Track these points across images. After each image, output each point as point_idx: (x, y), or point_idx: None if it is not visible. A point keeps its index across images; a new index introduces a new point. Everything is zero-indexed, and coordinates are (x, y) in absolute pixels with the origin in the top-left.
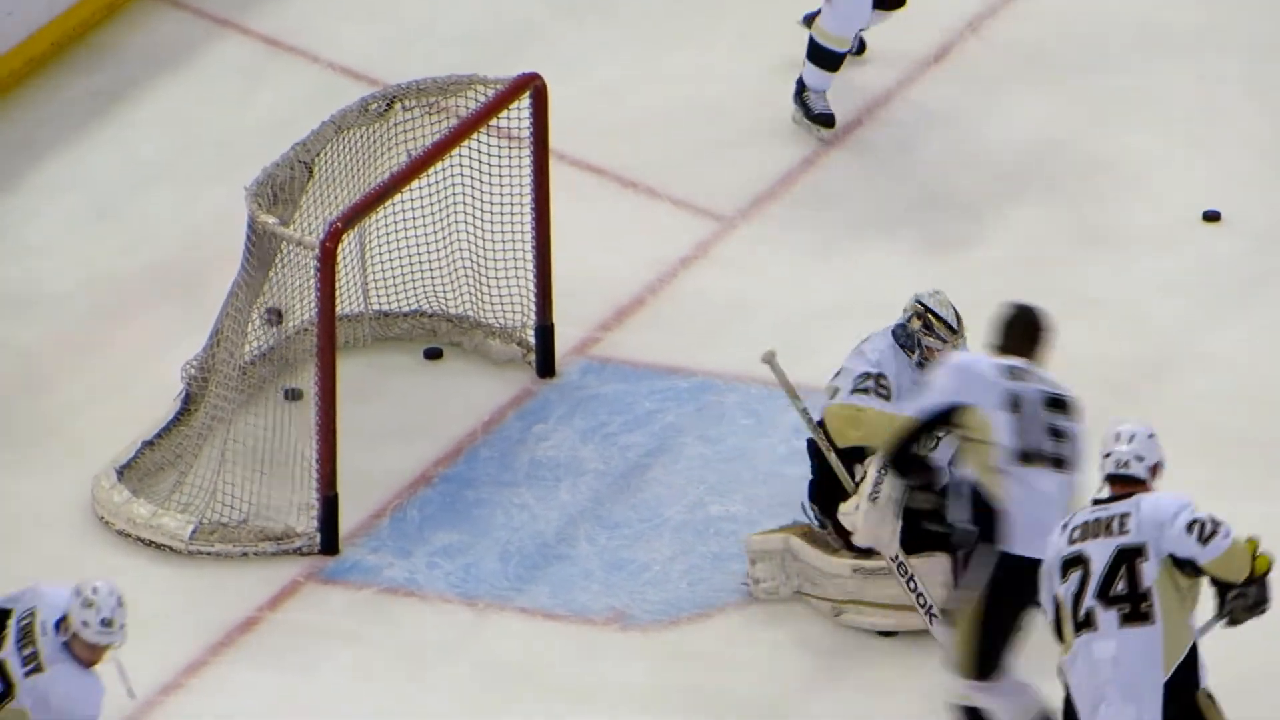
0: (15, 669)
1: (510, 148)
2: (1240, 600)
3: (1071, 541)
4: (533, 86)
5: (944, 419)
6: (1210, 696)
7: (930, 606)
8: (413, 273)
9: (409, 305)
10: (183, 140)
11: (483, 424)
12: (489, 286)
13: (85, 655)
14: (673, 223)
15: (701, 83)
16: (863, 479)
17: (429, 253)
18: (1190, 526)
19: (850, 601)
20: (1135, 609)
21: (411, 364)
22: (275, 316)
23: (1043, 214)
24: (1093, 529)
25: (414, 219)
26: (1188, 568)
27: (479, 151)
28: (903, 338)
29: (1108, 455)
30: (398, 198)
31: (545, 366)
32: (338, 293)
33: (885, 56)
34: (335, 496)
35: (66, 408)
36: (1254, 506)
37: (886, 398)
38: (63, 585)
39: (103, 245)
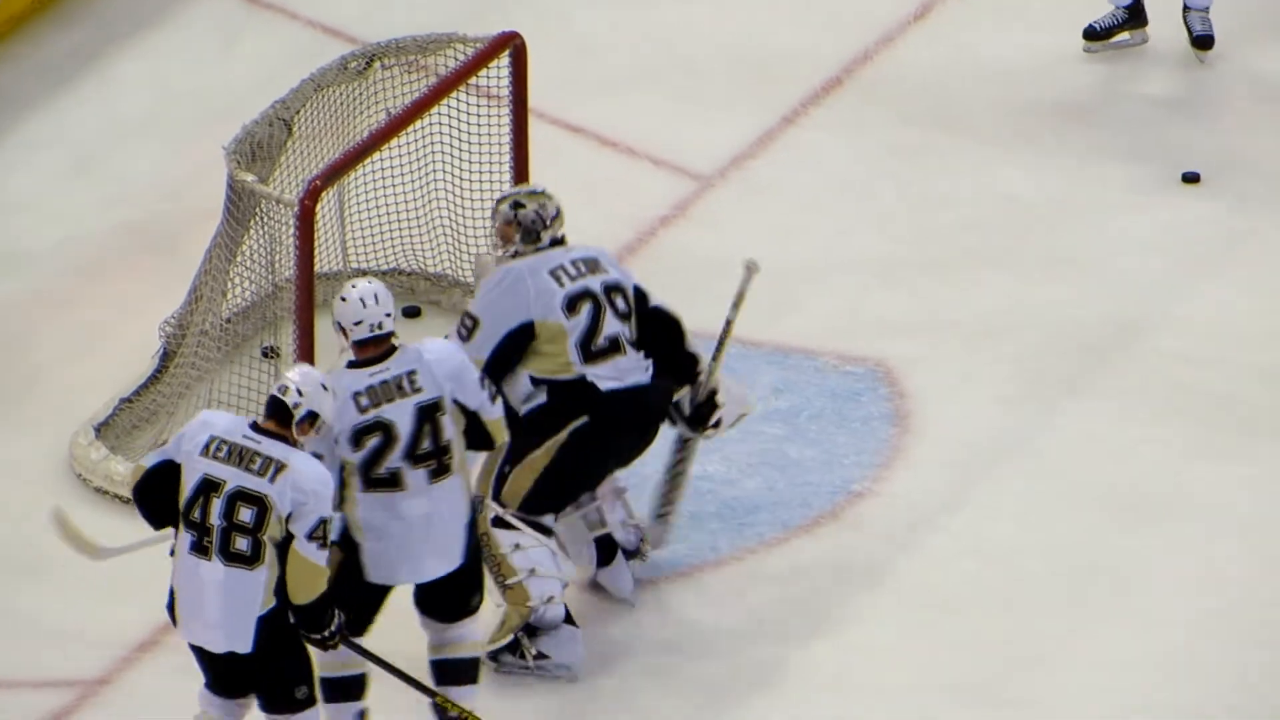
0: (257, 484)
1: (489, 106)
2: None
3: (363, 410)
4: (512, 45)
5: None
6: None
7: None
8: (391, 231)
9: (387, 263)
10: (162, 97)
11: None
12: (467, 245)
13: (310, 439)
14: (652, 181)
15: (681, 40)
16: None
17: (408, 211)
18: (481, 381)
19: None
20: (441, 463)
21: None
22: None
23: (1020, 173)
24: (382, 393)
25: (393, 177)
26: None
27: (458, 110)
28: None
29: (359, 323)
30: (376, 156)
31: None
32: (316, 251)
33: (864, 16)
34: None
35: (44, 364)
36: (1230, 468)
37: None
38: (209, 414)
39: (82, 201)
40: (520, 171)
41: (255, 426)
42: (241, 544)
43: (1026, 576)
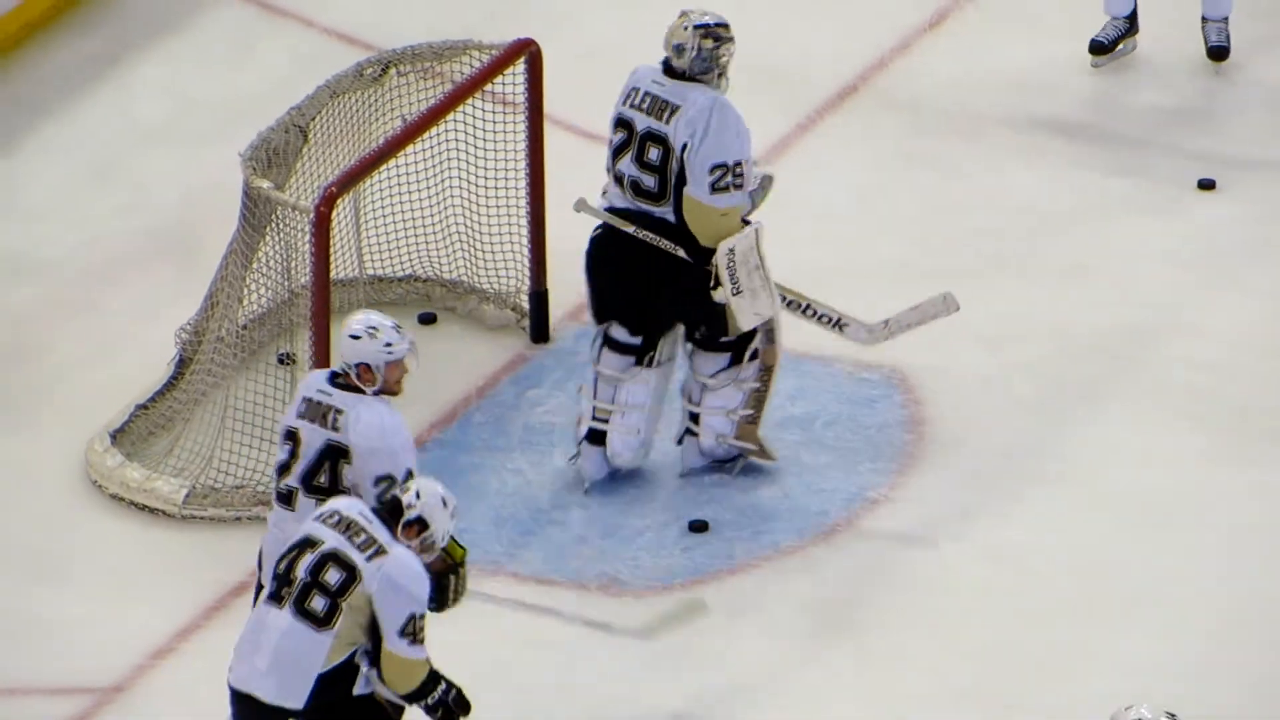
0: (354, 554)
1: (505, 113)
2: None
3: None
4: (528, 52)
5: None
6: None
7: (838, 319)
8: (407, 238)
9: (403, 270)
10: (179, 104)
11: (476, 389)
12: (483, 252)
13: (414, 546)
14: None
15: None
16: (716, 273)
17: (423, 218)
18: (378, 481)
19: None
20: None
21: (405, 329)
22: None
23: (1036, 180)
24: (310, 413)
25: (409, 184)
26: None
27: (474, 116)
28: (701, 69)
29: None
30: (392, 162)
31: (539, 332)
32: (332, 257)
33: (880, 24)
34: None
35: (60, 371)
36: (1248, 474)
37: (742, 186)
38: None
39: (98, 208)
40: (536, 178)
41: (375, 510)
42: (318, 603)
43: (1043, 583)
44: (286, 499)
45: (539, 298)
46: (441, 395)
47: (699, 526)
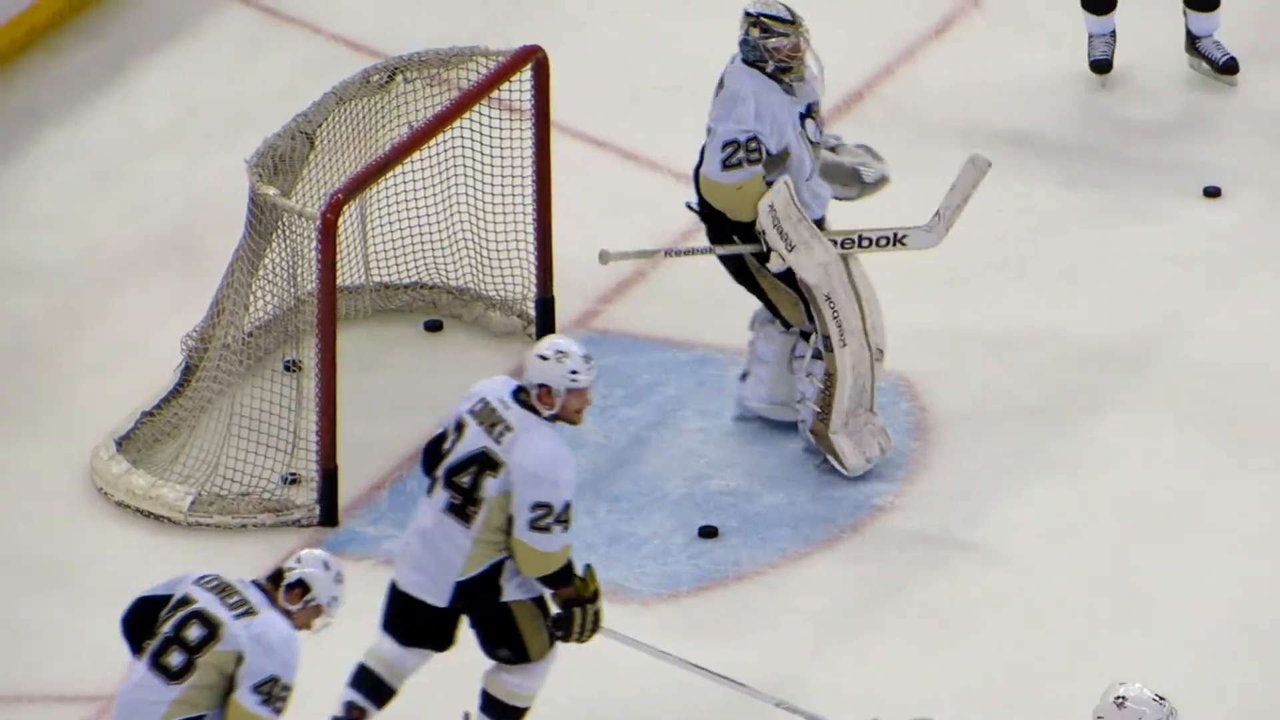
0: (221, 612)
1: (512, 120)
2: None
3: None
4: (534, 59)
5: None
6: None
7: (894, 235)
8: (413, 245)
9: (410, 277)
10: (184, 110)
11: None
12: (490, 259)
13: (290, 613)
14: (674, 195)
15: (703, 54)
16: (766, 240)
17: (430, 225)
18: (535, 507)
19: None
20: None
21: (412, 336)
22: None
23: (1040, 186)
24: (483, 415)
25: (415, 191)
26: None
27: (480, 124)
28: (751, 55)
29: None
30: (399, 169)
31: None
32: (338, 264)
33: (886, 30)
34: (335, 468)
35: (66, 378)
36: (1252, 480)
37: (758, 160)
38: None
39: (103, 215)
40: (543, 185)
41: (256, 582)
42: (175, 658)
43: (1048, 589)
44: (429, 486)
45: (545, 304)
46: (447, 402)
47: (709, 532)
